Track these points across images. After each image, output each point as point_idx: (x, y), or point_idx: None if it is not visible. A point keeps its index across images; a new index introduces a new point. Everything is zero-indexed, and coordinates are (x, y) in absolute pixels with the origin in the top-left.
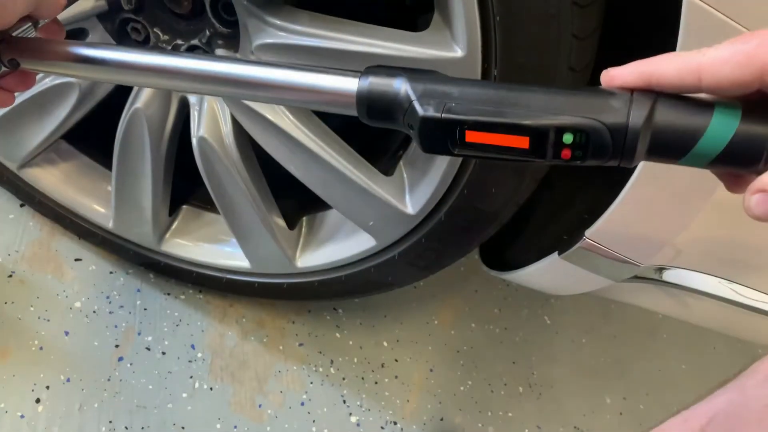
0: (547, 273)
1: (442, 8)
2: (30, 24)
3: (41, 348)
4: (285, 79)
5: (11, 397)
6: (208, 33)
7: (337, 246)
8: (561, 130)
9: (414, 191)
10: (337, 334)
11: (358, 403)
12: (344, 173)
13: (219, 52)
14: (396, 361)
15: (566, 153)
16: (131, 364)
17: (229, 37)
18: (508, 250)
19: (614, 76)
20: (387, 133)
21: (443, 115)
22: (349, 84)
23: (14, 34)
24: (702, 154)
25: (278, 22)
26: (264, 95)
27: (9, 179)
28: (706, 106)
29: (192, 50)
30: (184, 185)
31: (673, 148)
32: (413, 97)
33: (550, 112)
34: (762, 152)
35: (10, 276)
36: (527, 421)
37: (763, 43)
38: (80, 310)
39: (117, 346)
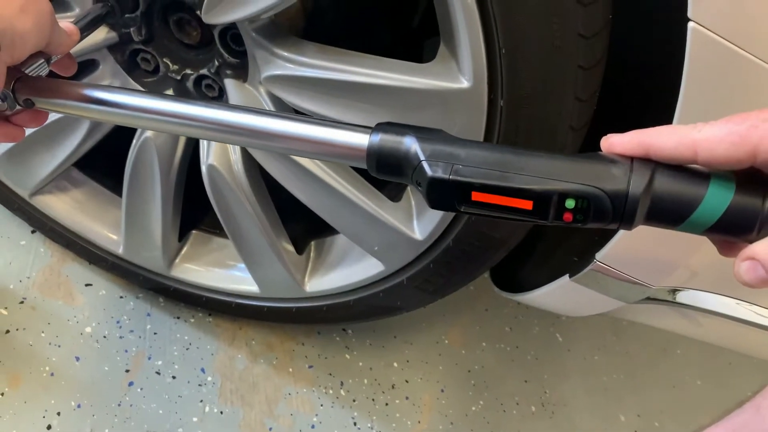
0: (558, 295)
1: (448, 40)
2: (43, 60)
3: (52, 374)
4: (298, 131)
5: (22, 424)
6: (216, 63)
7: (345, 271)
8: (564, 195)
9: (422, 217)
10: (347, 356)
11: (369, 424)
12: (351, 199)
13: (227, 82)
14: (406, 381)
15: (568, 216)
16: (141, 389)
17: (238, 68)
18: (518, 272)
19: (614, 143)
20: None
21: (451, 177)
22: (361, 139)
23: (27, 70)
24: (698, 223)
25: (285, 53)
26: (277, 146)
27: (21, 206)
28: (703, 178)
29: (201, 80)
30: (194, 211)
31: (670, 216)
32: (422, 156)
33: (553, 178)
34: (755, 223)
35: (22, 302)
36: None
37: (755, 125)
38: (91, 335)
39: (127, 370)
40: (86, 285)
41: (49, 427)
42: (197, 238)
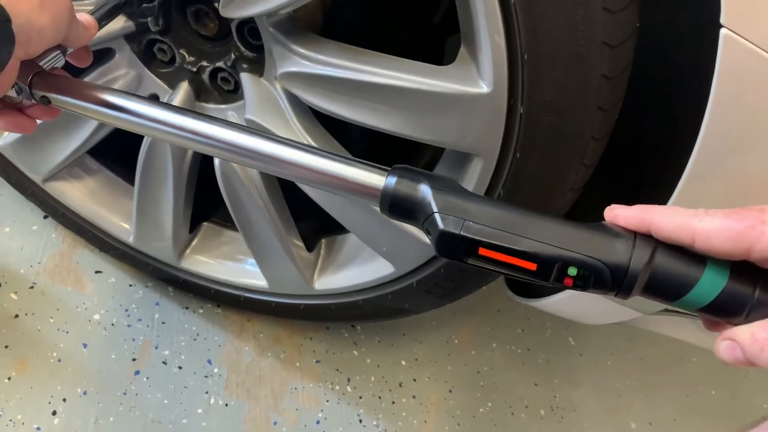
0: (574, 303)
1: (469, 43)
2: (59, 52)
3: (59, 360)
4: (315, 164)
5: (28, 409)
6: (233, 56)
7: (355, 270)
8: (567, 263)
9: None
10: (355, 352)
11: (375, 422)
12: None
13: (243, 76)
14: (414, 380)
15: (569, 281)
16: (147, 378)
17: (254, 62)
18: None
19: (617, 216)
20: (407, 161)
21: (461, 232)
22: (376, 180)
23: (43, 63)
24: (691, 303)
25: (302, 50)
26: (292, 174)
27: (34, 192)
28: (700, 262)
29: (216, 72)
30: (206, 203)
31: (666, 293)
32: (434, 208)
33: (559, 246)
34: (744, 309)
35: (32, 287)
36: None
37: (753, 226)
38: (99, 322)
39: (134, 359)
40: (96, 272)
41: (54, 413)
42: (208, 231)
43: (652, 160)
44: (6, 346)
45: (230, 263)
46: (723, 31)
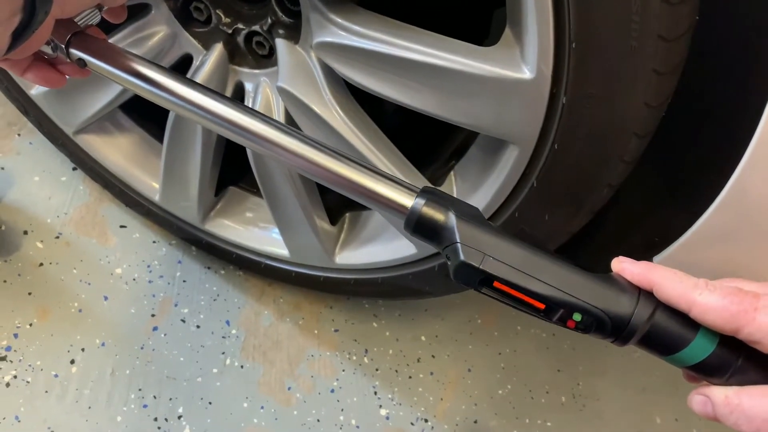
0: None
1: (515, 24)
2: (95, 9)
3: (80, 310)
4: (348, 174)
5: (47, 356)
6: (269, 20)
7: (377, 248)
8: (574, 309)
9: None
10: (374, 324)
11: (390, 396)
12: None
13: (278, 42)
14: (433, 357)
15: (572, 324)
16: (165, 335)
17: (291, 28)
18: None
19: (624, 269)
20: (440, 140)
21: (481, 266)
22: (405, 200)
23: (78, 20)
24: (680, 360)
25: (341, 20)
26: (325, 179)
27: (64, 143)
28: (693, 327)
29: (252, 36)
30: (233, 167)
31: (659, 348)
32: (457, 238)
33: (569, 293)
34: (726, 373)
35: (57, 237)
36: None
37: (746, 311)
38: (120, 276)
39: (153, 315)
40: (121, 227)
41: (72, 362)
42: (234, 195)
43: (698, 159)
44: (29, 293)
45: (254, 229)
46: None
